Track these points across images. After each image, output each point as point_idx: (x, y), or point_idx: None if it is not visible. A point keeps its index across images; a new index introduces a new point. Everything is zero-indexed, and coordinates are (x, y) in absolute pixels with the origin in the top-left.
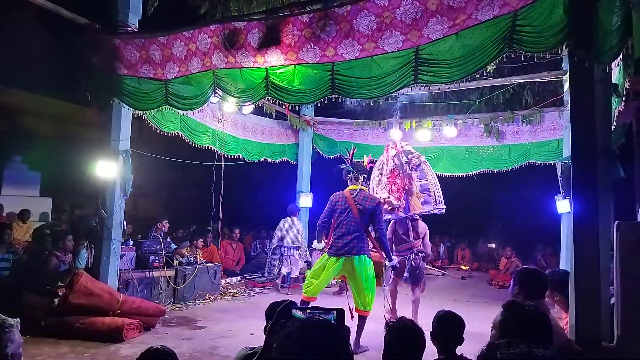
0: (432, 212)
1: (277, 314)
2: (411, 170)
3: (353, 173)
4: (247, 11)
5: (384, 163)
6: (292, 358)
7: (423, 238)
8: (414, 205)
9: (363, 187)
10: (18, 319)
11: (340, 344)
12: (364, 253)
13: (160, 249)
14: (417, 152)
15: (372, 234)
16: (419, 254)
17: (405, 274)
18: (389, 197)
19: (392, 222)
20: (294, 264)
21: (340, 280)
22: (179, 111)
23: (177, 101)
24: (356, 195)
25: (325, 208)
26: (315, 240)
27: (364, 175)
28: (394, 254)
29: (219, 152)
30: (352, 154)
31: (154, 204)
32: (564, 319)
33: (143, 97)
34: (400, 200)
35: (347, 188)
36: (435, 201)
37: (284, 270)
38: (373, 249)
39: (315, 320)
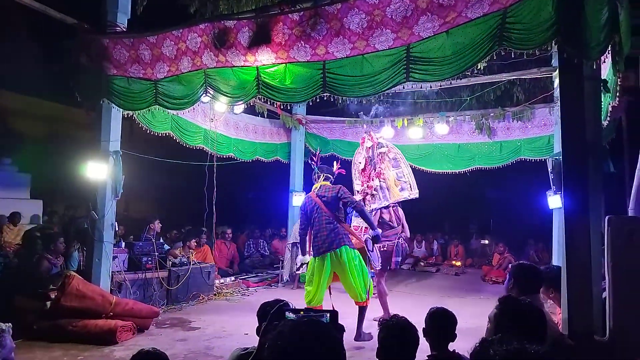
0: (409, 197)
1: (271, 316)
2: (382, 161)
3: (315, 173)
4: (237, 10)
5: (361, 154)
6: (284, 358)
7: (403, 222)
8: (393, 193)
9: (324, 183)
10: (10, 323)
11: (332, 343)
12: (344, 244)
13: (152, 250)
14: (389, 144)
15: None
16: (402, 237)
17: (397, 258)
18: (367, 187)
19: (376, 211)
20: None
21: None
22: (170, 111)
23: (167, 101)
24: (318, 190)
25: (300, 216)
26: (300, 254)
27: (327, 174)
28: (383, 239)
29: (210, 151)
30: (318, 155)
31: (146, 205)
32: (557, 314)
33: (132, 97)
34: (377, 189)
35: (312, 188)
36: (410, 187)
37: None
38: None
39: (307, 320)
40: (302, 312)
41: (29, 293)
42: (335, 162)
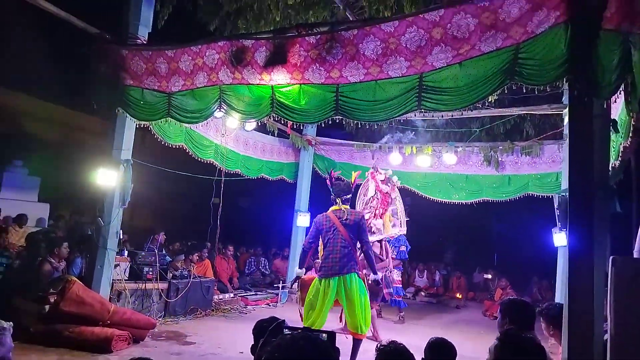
0: (398, 234)
1: (269, 333)
2: (386, 199)
3: (333, 195)
4: (256, 30)
5: (368, 188)
6: None
7: (389, 256)
8: (387, 228)
9: (345, 206)
10: (11, 323)
11: (329, 358)
12: (354, 271)
13: (154, 260)
14: (394, 180)
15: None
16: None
17: (389, 290)
18: (371, 220)
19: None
20: None
21: None
22: (182, 124)
23: (179, 114)
24: (340, 212)
25: (310, 230)
26: (297, 267)
27: (347, 196)
28: None
29: (219, 166)
30: (333, 176)
31: (151, 215)
32: (558, 354)
33: (145, 108)
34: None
35: (330, 209)
36: (400, 223)
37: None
38: None
39: (305, 335)
40: (299, 331)
41: (28, 295)
42: (353, 172)
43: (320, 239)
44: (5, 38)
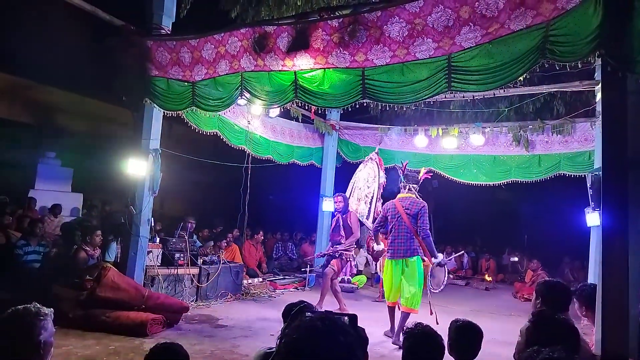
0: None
1: (291, 316)
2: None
3: (402, 182)
4: (277, 15)
5: (375, 175)
6: (299, 351)
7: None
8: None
9: (410, 195)
10: (52, 309)
11: (348, 338)
12: (417, 254)
13: (185, 247)
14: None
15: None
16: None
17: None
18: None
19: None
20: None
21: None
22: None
23: (203, 103)
24: (404, 201)
25: (379, 216)
26: (374, 244)
27: (414, 185)
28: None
29: (250, 153)
30: (405, 166)
31: (180, 203)
32: (591, 334)
33: (172, 98)
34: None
35: (397, 196)
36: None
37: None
38: None
39: (324, 317)
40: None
41: (66, 282)
42: (422, 169)
43: (388, 223)
44: (36, 34)
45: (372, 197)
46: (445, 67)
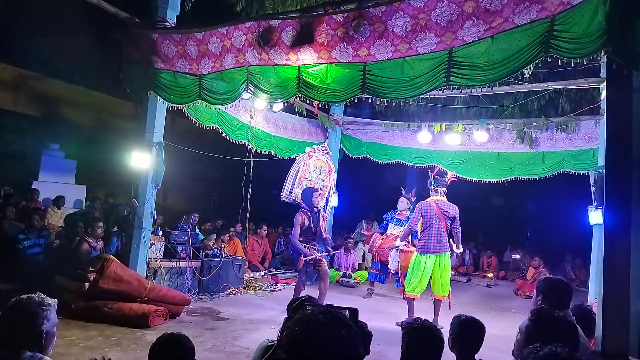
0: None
1: (293, 309)
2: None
3: (433, 186)
4: (282, 9)
5: (330, 170)
6: (300, 343)
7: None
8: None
9: (443, 198)
10: (56, 299)
11: (348, 331)
12: (447, 250)
13: (187, 240)
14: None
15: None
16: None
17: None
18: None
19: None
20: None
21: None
22: (212, 106)
23: (210, 96)
24: (441, 204)
25: (415, 215)
26: (399, 240)
27: (444, 189)
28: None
29: (250, 147)
30: (436, 171)
31: (183, 197)
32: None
33: (178, 91)
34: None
35: (431, 198)
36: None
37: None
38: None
39: (325, 310)
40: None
41: (69, 274)
42: (449, 172)
43: (423, 222)
44: (40, 27)
45: (329, 192)
46: (446, 62)
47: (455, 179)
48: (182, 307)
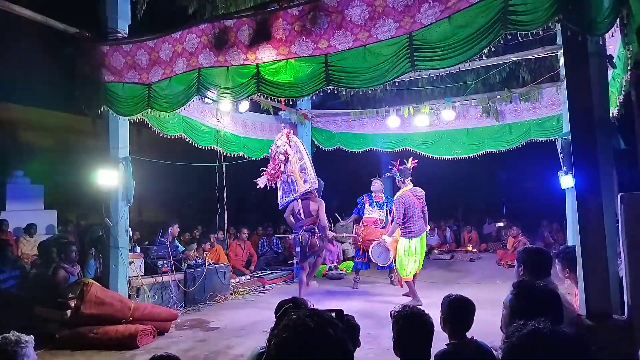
0: (310, 188)
1: (278, 317)
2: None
3: (399, 179)
4: (236, 8)
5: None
6: (288, 349)
7: (318, 214)
8: (299, 185)
9: (411, 185)
10: (32, 335)
11: (336, 333)
12: (424, 231)
13: (167, 253)
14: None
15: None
16: (309, 232)
17: (297, 249)
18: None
19: (289, 203)
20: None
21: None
22: (178, 111)
23: (159, 103)
24: (414, 191)
25: (399, 209)
26: (386, 236)
27: (409, 178)
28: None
29: (220, 152)
30: (398, 165)
31: (159, 209)
32: (575, 294)
33: (126, 102)
34: (288, 182)
35: (404, 189)
36: (310, 178)
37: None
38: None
39: (311, 313)
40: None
41: (48, 303)
42: (410, 159)
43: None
44: None
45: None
46: (407, 46)
47: (416, 163)
48: (170, 322)
